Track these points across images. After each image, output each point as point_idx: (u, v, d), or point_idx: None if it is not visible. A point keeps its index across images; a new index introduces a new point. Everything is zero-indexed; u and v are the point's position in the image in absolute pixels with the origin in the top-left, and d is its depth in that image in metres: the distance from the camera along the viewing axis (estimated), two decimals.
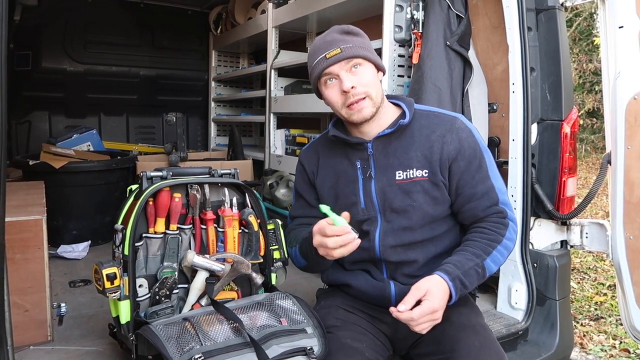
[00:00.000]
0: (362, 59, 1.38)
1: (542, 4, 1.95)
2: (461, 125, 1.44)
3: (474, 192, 1.41)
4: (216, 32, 4.44)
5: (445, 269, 1.32)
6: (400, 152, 1.43)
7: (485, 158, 1.44)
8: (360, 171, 1.46)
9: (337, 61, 1.36)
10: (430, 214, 1.42)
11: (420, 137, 1.43)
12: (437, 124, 1.45)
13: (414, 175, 1.41)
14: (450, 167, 1.41)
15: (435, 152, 1.41)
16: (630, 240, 1.80)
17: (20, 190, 2.15)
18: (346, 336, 1.37)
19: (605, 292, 3.78)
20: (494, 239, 1.38)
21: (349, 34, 1.40)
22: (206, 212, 1.57)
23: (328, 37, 1.40)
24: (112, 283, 1.38)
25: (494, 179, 1.43)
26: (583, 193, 1.92)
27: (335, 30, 1.40)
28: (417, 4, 2.17)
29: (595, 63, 9.77)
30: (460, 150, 1.41)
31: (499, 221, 1.41)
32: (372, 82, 1.39)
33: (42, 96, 3.97)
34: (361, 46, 1.39)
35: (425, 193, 1.41)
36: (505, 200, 1.44)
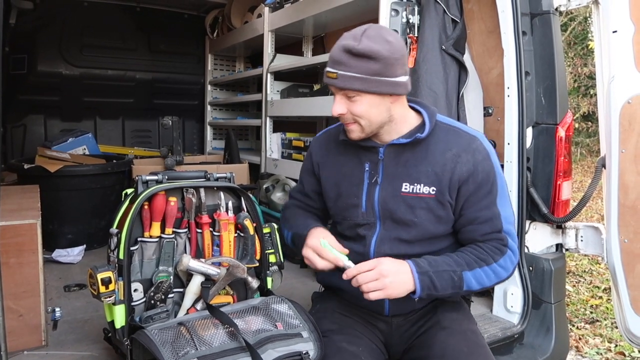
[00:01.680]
0: (356, 92, 1.29)
1: (537, 9, 1.96)
2: (479, 147, 1.38)
3: (477, 216, 1.37)
4: (212, 36, 4.44)
5: (416, 261, 1.31)
6: (411, 164, 1.39)
7: (497, 184, 1.38)
8: (367, 174, 1.43)
9: (332, 85, 1.31)
10: (431, 231, 1.39)
11: (435, 152, 1.38)
12: (454, 141, 1.39)
13: (420, 191, 1.37)
14: (459, 188, 1.36)
15: (447, 171, 1.36)
16: (625, 244, 1.81)
17: (15, 194, 2.14)
18: (342, 340, 1.37)
19: (600, 295, 3.79)
20: (484, 258, 1.35)
21: (355, 57, 1.25)
22: (202, 216, 1.56)
23: (336, 51, 1.29)
24: (107, 287, 1.37)
25: (501, 206, 1.38)
26: (578, 196, 1.93)
27: (342, 48, 1.27)
28: (412, 8, 2.18)
29: (590, 67, 9.83)
30: (473, 172, 1.35)
31: (496, 246, 1.37)
32: (366, 113, 1.31)
33: (38, 100, 3.96)
34: (361, 76, 1.26)
35: (429, 210, 1.37)
36: (509, 229, 1.39)
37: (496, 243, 1.37)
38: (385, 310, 1.44)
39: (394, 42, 1.28)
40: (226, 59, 4.68)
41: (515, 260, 1.40)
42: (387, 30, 1.32)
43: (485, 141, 1.42)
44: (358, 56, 1.25)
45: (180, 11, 4.37)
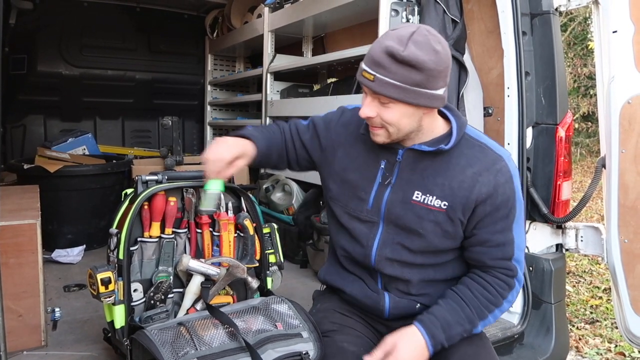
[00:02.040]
0: (391, 99, 1.20)
1: (537, 9, 1.96)
2: (503, 168, 1.30)
3: (489, 239, 1.31)
4: (212, 36, 4.44)
5: (432, 332, 1.27)
6: (428, 173, 1.32)
7: (516, 209, 1.31)
8: (381, 172, 1.36)
9: (366, 86, 1.22)
10: (436, 244, 1.34)
11: (456, 167, 1.30)
12: (478, 158, 1.31)
13: (431, 203, 1.31)
14: (475, 208, 1.29)
15: (464, 189, 1.28)
16: (625, 244, 1.80)
17: (14, 195, 2.14)
18: (343, 340, 1.36)
19: (600, 296, 3.79)
20: (495, 301, 1.32)
21: (397, 63, 1.16)
22: (201, 216, 1.56)
23: (377, 51, 1.18)
24: (107, 287, 1.37)
25: (517, 232, 1.32)
26: (578, 196, 1.93)
27: (385, 50, 1.17)
28: (412, 8, 2.17)
29: (590, 67, 9.83)
30: (492, 195, 1.28)
31: (505, 280, 1.33)
32: (396, 121, 1.23)
33: (38, 100, 3.96)
34: (400, 85, 1.17)
35: (436, 224, 1.31)
36: (519, 257, 1.33)
37: (505, 275, 1.33)
38: (385, 313, 1.43)
39: (441, 51, 1.18)
40: (226, 59, 4.68)
41: (519, 288, 1.36)
42: (436, 36, 1.20)
43: (511, 162, 1.34)
44: (401, 63, 1.15)
45: (180, 11, 4.37)
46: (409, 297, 1.41)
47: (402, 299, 1.41)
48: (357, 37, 3.24)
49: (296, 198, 3.04)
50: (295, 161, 1.50)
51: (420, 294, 1.41)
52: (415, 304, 1.41)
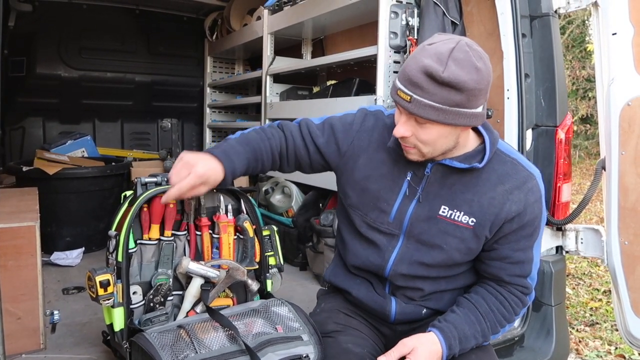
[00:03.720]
0: (427, 120, 1.14)
1: (536, 11, 1.96)
2: (534, 187, 1.28)
3: (510, 255, 1.30)
4: (211, 39, 4.44)
5: (449, 342, 1.25)
6: (457, 188, 1.28)
7: (540, 229, 1.31)
8: (406, 184, 1.31)
9: (401, 106, 1.16)
10: (456, 260, 1.32)
11: (486, 182, 1.27)
12: (510, 175, 1.28)
13: (458, 219, 1.28)
14: (502, 225, 1.27)
15: (494, 206, 1.26)
16: (625, 246, 1.80)
17: (13, 197, 2.14)
18: (347, 341, 1.36)
19: (600, 298, 3.79)
20: (509, 317, 1.33)
21: (436, 84, 1.10)
22: (201, 219, 1.56)
23: (414, 70, 1.11)
24: (106, 290, 1.36)
25: (536, 252, 1.32)
26: (578, 199, 1.93)
27: (423, 70, 1.10)
28: (412, 10, 2.18)
29: (588, 70, 9.85)
30: (521, 213, 1.26)
31: (521, 297, 1.33)
32: (433, 142, 1.19)
33: (37, 102, 3.95)
34: (439, 106, 1.11)
35: (461, 241, 1.29)
36: (534, 276, 1.34)
37: (520, 292, 1.33)
38: (391, 318, 1.42)
39: (483, 69, 1.12)
40: (225, 62, 4.68)
41: (529, 303, 1.38)
42: (477, 51, 1.14)
43: (541, 181, 1.32)
44: (441, 84, 1.09)
45: (180, 14, 4.36)
46: (416, 302, 1.40)
47: (409, 304, 1.40)
48: (357, 40, 3.24)
49: (296, 200, 3.03)
50: (308, 165, 1.43)
51: (427, 299, 1.40)
52: (422, 309, 1.40)
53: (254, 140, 1.37)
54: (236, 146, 1.34)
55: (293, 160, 1.42)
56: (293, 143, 1.40)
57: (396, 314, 1.40)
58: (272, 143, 1.39)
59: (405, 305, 1.39)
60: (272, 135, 1.40)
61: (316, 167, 1.44)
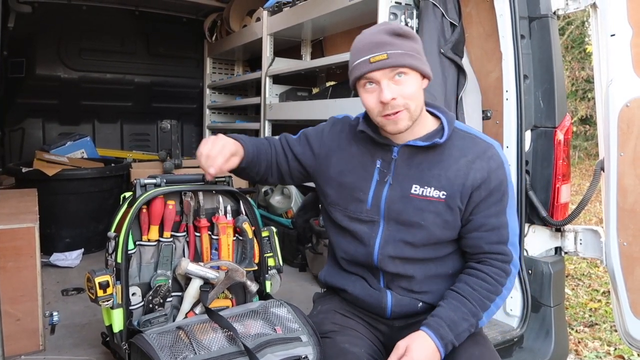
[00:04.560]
0: (409, 68, 1.27)
1: (535, 13, 1.96)
2: (494, 155, 1.37)
3: (484, 223, 1.35)
4: (211, 40, 4.44)
5: (440, 333, 1.27)
6: (424, 166, 1.37)
7: (508, 194, 1.37)
8: (377, 171, 1.40)
9: (381, 68, 1.26)
10: (438, 235, 1.37)
11: (450, 157, 1.36)
12: (470, 147, 1.37)
13: (430, 194, 1.35)
14: (471, 194, 1.34)
15: (459, 177, 1.34)
16: (624, 247, 1.80)
17: (13, 198, 2.14)
18: (344, 341, 1.36)
19: (599, 299, 3.79)
20: (494, 290, 1.34)
21: (400, 37, 1.27)
22: (200, 220, 1.56)
23: (376, 37, 1.28)
24: (105, 291, 1.37)
25: (510, 217, 1.37)
26: (577, 199, 1.93)
27: (385, 31, 1.28)
28: (411, 12, 2.18)
29: (588, 70, 9.86)
30: (486, 179, 1.34)
31: (502, 267, 1.35)
32: (415, 94, 1.30)
33: (36, 103, 3.95)
34: (410, 52, 1.27)
35: (437, 214, 1.35)
36: (514, 241, 1.38)
37: (500, 262, 1.35)
38: (387, 313, 1.43)
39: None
40: (225, 63, 4.68)
41: (516, 273, 1.39)
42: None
43: (501, 150, 1.40)
44: (403, 36, 1.27)
45: (179, 15, 4.37)
46: (411, 294, 1.42)
47: (404, 297, 1.42)
48: None
49: (295, 201, 3.04)
50: (288, 174, 1.53)
51: (422, 292, 1.42)
52: (417, 302, 1.42)
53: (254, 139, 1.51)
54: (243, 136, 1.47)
55: (275, 170, 1.53)
56: (275, 153, 1.52)
57: (392, 307, 1.42)
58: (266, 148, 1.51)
59: (401, 297, 1.42)
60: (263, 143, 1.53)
61: (295, 174, 1.54)
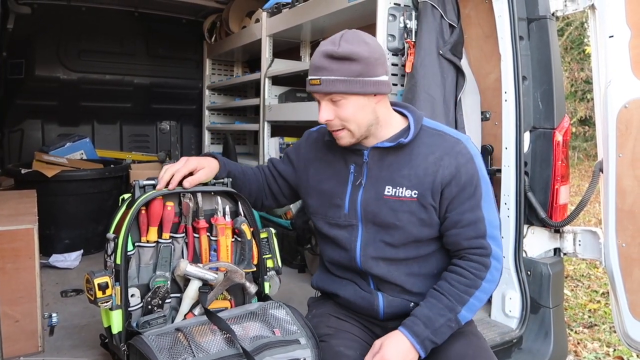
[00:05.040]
0: (341, 94, 1.30)
1: (534, 14, 1.97)
2: (462, 150, 1.37)
3: (459, 219, 1.35)
4: (210, 41, 4.44)
5: (413, 330, 1.29)
6: (395, 167, 1.39)
7: (481, 187, 1.37)
8: (352, 176, 1.44)
9: (316, 92, 1.33)
10: (415, 234, 1.38)
11: (418, 156, 1.38)
12: (438, 144, 1.38)
13: (402, 195, 1.37)
14: (442, 191, 1.35)
15: (428, 175, 1.35)
16: (623, 248, 1.81)
17: (12, 199, 2.14)
18: (339, 344, 1.37)
19: (598, 300, 3.79)
20: (472, 284, 1.33)
21: (336, 60, 1.27)
22: (199, 221, 1.56)
23: (316, 58, 1.31)
24: (104, 292, 1.36)
25: (486, 210, 1.36)
26: (576, 200, 1.93)
27: (323, 54, 1.29)
28: (410, 13, 2.18)
29: (587, 71, 9.87)
30: (455, 175, 1.34)
31: (480, 260, 1.35)
32: (352, 116, 1.32)
33: (35, 104, 3.95)
34: (344, 78, 1.28)
35: (411, 214, 1.37)
36: (493, 234, 1.37)
37: (479, 256, 1.35)
38: (380, 314, 1.44)
39: (372, 43, 1.31)
40: (224, 64, 4.68)
41: (499, 266, 1.38)
42: (364, 33, 1.34)
43: (470, 144, 1.41)
44: (339, 59, 1.27)
45: (179, 16, 4.37)
46: (402, 295, 1.43)
47: (396, 297, 1.43)
48: None
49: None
50: (280, 194, 1.64)
51: (412, 293, 1.42)
52: (408, 303, 1.43)
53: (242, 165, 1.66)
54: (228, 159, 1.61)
55: (268, 192, 1.64)
56: (265, 176, 1.65)
57: (384, 308, 1.43)
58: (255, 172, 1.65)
59: (392, 299, 1.43)
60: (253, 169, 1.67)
61: (285, 192, 1.63)
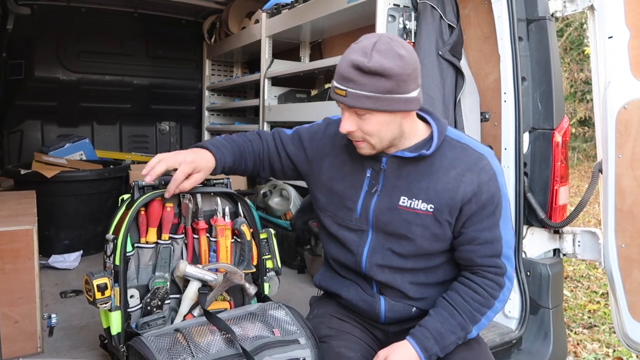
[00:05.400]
0: (366, 110, 1.22)
1: (533, 15, 1.97)
2: (485, 166, 1.32)
3: (476, 237, 1.32)
4: (210, 42, 4.44)
5: (424, 345, 1.27)
6: (413, 178, 1.33)
7: (502, 205, 1.33)
8: (367, 181, 1.38)
9: (340, 102, 1.24)
10: (426, 248, 1.35)
11: (439, 169, 1.32)
12: (460, 159, 1.32)
13: (417, 207, 1.32)
14: (461, 208, 1.30)
15: (448, 190, 1.30)
16: (622, 249, 1.81)
17: (11, 200, 2.13)
18: (340, 345, 1.36)
19: (598, 300, 3.79)
20: (486, 303, 1.31)
21: (365, 74, 1.18)
22: (198, 222, 1.56)
23: (344, 66, 1.21)
24: (103, 293, 1.37)
25: (504, 229, 1.33)
26: (575, 201, 1.93)
27: (351, 64, 1.19)
28: (409, 14, 2.18)
29: (586, 72, 9.88)
30: (476, 193, 1.29)
31: (495, 279, 1.32)
32: (377, 131, 1.26)
33: (35, 105, 3.95)
34: (372, 95, 1.19)
35: (425, 227, 1.32)
36: (508, 254, 1.34)
37: (494, 275, 1.33)
38: (382, 318, 1.43)
39: (406, 55, 1.20)
40: (224, 65, 4.68)
41: (511, 286, 1.36)
42: (399, 42, 1.22)
43: (494, 159, 1.35)
44: (369, 74, 1.18)
45: (178, 17, 4.36)
46: (405, 300, 1.41)
47: (398, 302, 1.41)
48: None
49: (294, 203, 3.03)
50: (280, 171, 1.55)
51: (415, 298, 1.41)
52: (411, 308, 1.41)
53: (238, 141, 1.52)
54: (222, 141, 1.49)
55: (267, 166, 1.55)
56: (268, 150, 1.53)
57: (386, 312, 1.42)
58: (253, 146, 1.53)
59: (395, 303, 1.41)
60: (252, 139, 1.54)
61: (288, 172, 1.55)
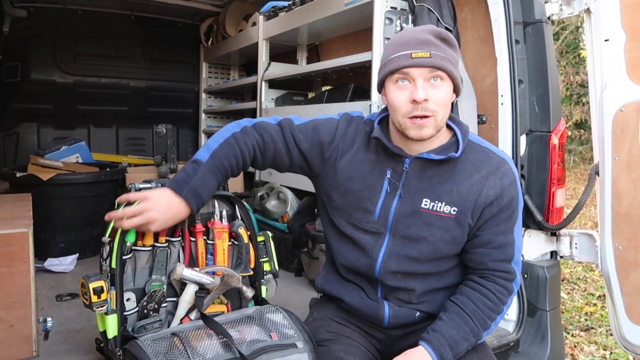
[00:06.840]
0: (448, 73, 1.24)
1: (530, 18, 1.98)
2: (507, 171, 1.33)
3: (492, 239, 1.32)
4: (207, 44, 4.45)
5: (440, 352, 1.26)
6: (436, 180, 1.32)
7: (518, 211, 1.35)
8: (387, 182, 1.35)
9: (422, 65, 1.22)
10: (443, 251, 1.34)
11: (462, 172, 1.32)
12: (483, 162, 1.33)
13: (440, 210, 1.31)
14: (482, 211, 1.31)
15: (472, 193, 1.30)
16: (619, 251, 1.81)
17: (6, 203, 2.12)
18: (339, 349, 1.35)
19: (595, 303, 3.80)
20: (496, 309, 1.32)
21: (445, 42, 1.25)
22: (195, 225, 1.55)
23: (420, 35, 1.25)
24: (99, 297, 1.35)
25: (517, 234, 1.35)
26: (572, 204, 1.93)
27: (430, 32, 1.25)
28: (406, 17, 2.19)
29: (582, 75, 9.92)
30: (498, 196, 1.30)
31: (505, 285, 1.33)
32: (445, 103, 1.26)
33: (31, 108, 3.94)
34: (451, 60, 1.25)
35: (446, 230, 1.32)
36: (518, 259, 1.35)
37: (504, 280, 1.33)
38: (385, 323, 1.41)
39: None
40: (221, 67, 4.68)
41: (517, 290, 1.38)
42: None
43: (513, 165, 1.37)
44: (447, 42, 1.25)
45: (175, 19, 4.37)
46: (409, 305, 1.40)
47: (402, 307, 1.40)
48: (352, 45, 3.25)
49: (291, 206, 3.03)
50: (287, 167, 1.45)
51: (420, 302, 1.40)
52: (414, 312, 1.40)
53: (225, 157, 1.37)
54: (207, 175, 1.35)
55: (270, 161, 1.44)
56: (273, 147, 1.41)
57: (389, 318, 1.40)
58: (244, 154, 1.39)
59: (399, 308, 1.40)
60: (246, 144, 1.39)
61: (295, 169, 1.46)
